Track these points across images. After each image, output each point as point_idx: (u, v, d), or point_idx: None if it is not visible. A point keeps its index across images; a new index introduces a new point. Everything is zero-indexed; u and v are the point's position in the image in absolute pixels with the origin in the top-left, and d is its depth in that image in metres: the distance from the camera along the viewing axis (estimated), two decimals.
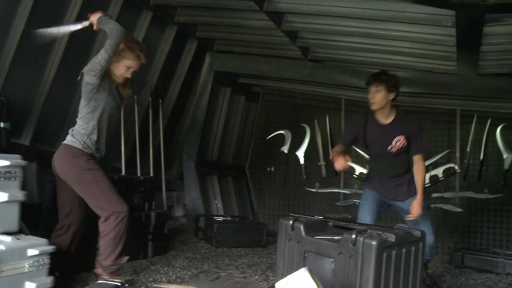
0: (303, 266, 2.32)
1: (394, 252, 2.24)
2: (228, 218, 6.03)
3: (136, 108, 5.52)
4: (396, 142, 3.75)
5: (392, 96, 3.70)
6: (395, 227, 2.45)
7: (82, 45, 4.68)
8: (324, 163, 6.70)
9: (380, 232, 2.21)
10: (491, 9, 3.29)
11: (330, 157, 6.55)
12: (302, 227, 2.46)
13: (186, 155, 6.57)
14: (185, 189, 6.62)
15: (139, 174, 5.49)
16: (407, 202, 3.84)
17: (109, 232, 3.32)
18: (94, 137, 3.34)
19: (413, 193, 3.82)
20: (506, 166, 5.80)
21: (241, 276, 4.30)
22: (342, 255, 2.24)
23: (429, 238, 3.75)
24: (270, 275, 4.25)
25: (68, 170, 3.27)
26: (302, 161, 6.62)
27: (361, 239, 2.16)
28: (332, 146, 6.55)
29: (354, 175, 6.31)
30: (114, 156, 5.53)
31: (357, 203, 6.41)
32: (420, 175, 3.79)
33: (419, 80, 5.60)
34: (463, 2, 3.20)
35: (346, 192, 6.56)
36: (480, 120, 5.99)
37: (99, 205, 3.32)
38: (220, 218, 5.96)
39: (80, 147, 3.27)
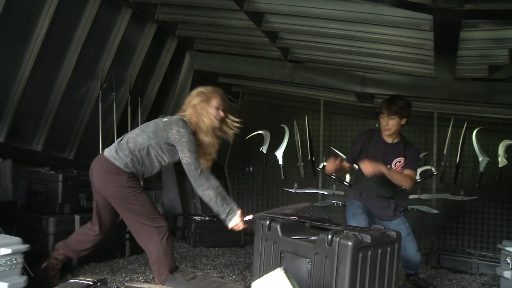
0: (280, 266, 2.32)
1: (369, 252, 2.26)
2: (206, 218, 6.01)
3: (114, 106, 5.47)
4: (396, 163, 3.85)
5: (404, 122, 3.83)
6: (371, 228, 2.47)
7: (60, 39, 4.62)
8: (302, 163, 6.73)
9: (356, 233, 2.22)
10: (467, 14, 3.34)
11: (309, 158, 6.65)
12: (278, 227, 2.47)
13: None
14: (163, 188, 6.59)
15: None
16: (394, 222, 3.89)
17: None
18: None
19: (399, 215, 3.91)
20: (481, 169, 5.91)
21: (218, 275, 4.29)
22: (318, 255, 2.25)
23: (416, 257, 3.86)
24: (248, 275, 4.26)
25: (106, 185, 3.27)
26: (280, 161, 6.64)
27: (337, 239, 2.17)
28: (311, 147, 6.63)
29: (333, 176, 6.35)
30: (92, 154, 5.46)
31: (335, 204, 6.51)
32: (401, 175, 3.76)
33: (398, 82, 5.66)
34: (440, 7, 3.23)
35: (324, 192, 6.60)
36: (457, 123, 6.09)
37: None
38: (198, 218, 5.95)
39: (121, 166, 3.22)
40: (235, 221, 3.32)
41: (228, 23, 4.96)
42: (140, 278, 3.99)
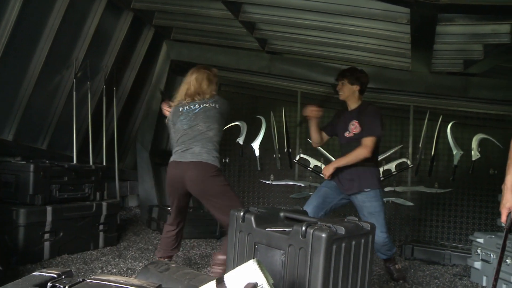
0: (254, 258, 2.31)
1: (343, 244, 2.25)
2: None
3: (89, 95, 5.38)
4: (350, 126, 4.08)
5: (356, 88, 4.12)
6: (345, 219, 2.47)
7: (32, 27, 4.52)
8: (279, 155, 6.73)
9: (330, 225, 2.22)
10: (444, 8, 3.35)
11: (285, 149, 6.66)
12: (252, 218, 2.45)
13: (140, 144, 6.47)
14: (139, 179, 6.53)
15: (91, 163, 5.36)
16: (359, 197, 4.02)
17: None
18: None
19: (363, 189, 4.00)
20: (455, 162, 5.98)
21: (193, 267, 4.28)
22: (292, 247, 2.24)
23: (379, 237, 3.88)
24: None
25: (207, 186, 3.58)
26: (257, 153, 6.63)
27: (311, 231, 2.16)
28: (287, 139, 6.64)
29: (309, 168, 6.37)
30: (66, 144, 5.39)
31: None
32: (352, 154, 3.99)
33: (374, 75, 5.66)
34: (417, 0, 3.24)
35: (301, 184, 6.61)
36: (432, 116, 6.14)
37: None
38: None
39: (218, 165, 3.65)
40: None
41: (205, 13, 4.91)
42: (114, 270, 3.95)
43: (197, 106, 3.71)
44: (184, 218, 3.95)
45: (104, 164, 5.64)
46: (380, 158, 6.37)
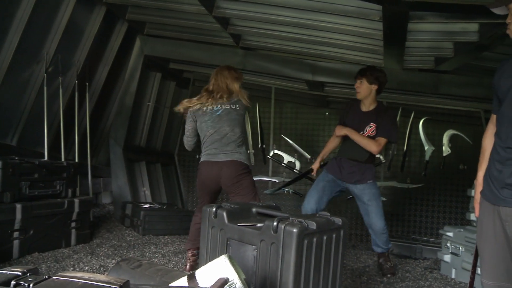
0: (226, 254, 2.31)
1: (315, 239, 2.27)
2: (156, 206, 5.96)
3: (61, 91, 5.29)
4: (367, 127, 4.29)
5: (374, 87, 4.28)
6: (317, 214, 2.49)
7: None
8: (253, 151, 6.74)
9: (302, 220, 2.23)
10: (415, 6, 3.40)
11: (259, 145, 6.67)
12: (225, 214, 2.45)
13: (113, 140, 6.40)
14: (112, 176, 6.46)
15: (63, 159, 5.28)
16: (359, 187, 4.33)
17: None
18: None
19: (366, 181, 4.32)
20: (427, 157, 6.09)
21: (167, 264, 4.26)
22: (264, 242, 2.25)
23: (379, 223, 4.31)
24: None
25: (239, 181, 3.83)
26: None
27: (282, 226, 2.17)
28: (261, 135, 6.66)
29: (283, 164, 6.40)
30: (37, 140, 5.29)
31: (285, 192, 6.57)
32: (365, 139, 4.26)
33: (348, 71, 5.72)
34: None
35: (275, 180, 6.64)
36: (405, 113, 6.24)
37: None
38: (148, 206, 5.88)
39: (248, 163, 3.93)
40: None
41: (179, 8, 4.87)
42: (86, 267, 3.91)
43: (219, 107, 3.84)
44: None
45: (77, 160, 5.56)
46: None
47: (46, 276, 1.12)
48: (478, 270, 2.72)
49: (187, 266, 3.97)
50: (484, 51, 4.39)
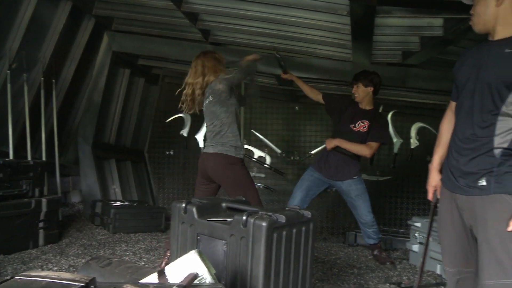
0: (195, 249, 2.31)
1: (284, 232, 2.29)
2: (126, 203, 5.90)
3: (26, 88, 5.17)
4: (359, 123, 4.53)
5: (370, 89, 4.56)
6: (286, 208, 2.51)
7: None
8: None
9: (271, 213, 2.25)
10: (382, 1, 3.45)
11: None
12: (194, 209, 2.45)
13: (81, 138, 6.30)
14: (81, 174, 6.36)
15: (29, 158, 5.17)
16: (346, 183, 4.55)
17: None
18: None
19: (352, 176, 4.53)
20: (395, 150, 6.17)
21: (138, 261, 4.23)
22: (234, 236, 2.26)
23: (367, 216, 4.56)
24: None
25: (226, 176, 3.73)
26: (201, 144, 6.61)
27: (252, 220, 2.18)
28: None
29: (253, 159, 6.41)
30: (1, 139, 5.17)
31: (256, 186, 6.57)
32: (357, 146, 4.49)
33: (318, 66, 5.77)
34: None
35: None
36: (377, 108, 6.31)
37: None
38: (118, 203, 5.82)
39: (234, 154, 3.74)
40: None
41: (147, 3, 4.81)
42: (55, 268, 3.85)
43: (206, 101, 3.83)
44: None
45: (44, 159, 5.46)
46: (318, 149, 6.52)
47: (9, 277, 1.10)
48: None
49: (163, 264, 3.92)
50: (449, 45, 4.47)
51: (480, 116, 2.15)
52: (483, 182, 2.13)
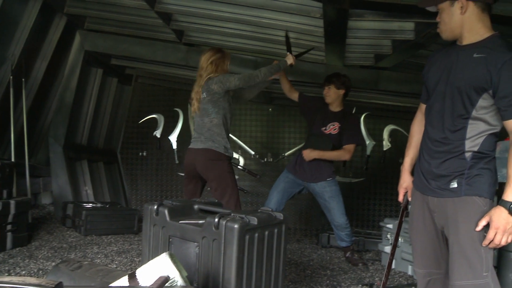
0: (167, 251, 2.29)
1: (256, 234, 2.29)
2: (98, 205, 5.82)
3: None
4: (330, 125, 4.61)
5: (341, 92, 4.65)
6: (259, 210, 2.51)
7: None
8: None
9: (243, 215, 2.25)
10: (354, 4, 3.48)
11: None
12: (166, 211, 2.43)
13: (53, 138, 6.19)
14: (52, 175, 6.25)
15: None
16: (320, 185, 4.58)
17: None
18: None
19: (325, 178, 4.57)
20: (368, 152, 6.22)
21: (110, 264, 4.17)
22: (206, 239, 2.25)
23: (341, 218, 4.58)
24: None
25: (213, 171, 3.83)
26: (175, 146, 6.57)
27: (224, 222, 2.18)
28: None
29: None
30: None
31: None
32: (335, 153, 4.57)
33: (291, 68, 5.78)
34: None
35: None
36: (346, 108, 6.35)
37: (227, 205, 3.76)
38: (90, 205, 5.73)
39: (222, 151, 3.84)
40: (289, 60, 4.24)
41: (120, 2, 4.75)
42: (23, 272, 3.77)
43: (202, 96, 3.94)
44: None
45: (13, 160, 5.35)
46: (294, 149, 6.54)
47: None
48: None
49: None
50: (420, 49, 4.54)
51: (451, 119, 2.19)
52: (454, 185, 2.17)
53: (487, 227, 2.06)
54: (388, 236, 4.67)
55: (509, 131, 2.08)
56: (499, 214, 2.03)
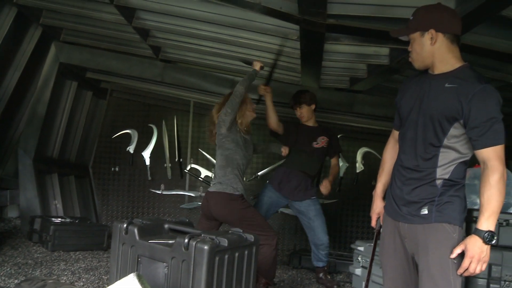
0: (136, 271, 2.26)
1: (226, 256, 2.28)
2: (67, 220, 5.69)
3: None
4: (321, 139, 4.74)
5: (313, 107, 4.79)
6: (229, 231, 2.49)
7: None
8: (170, 164, 6.68)
9: (213, 237, 2.23)
10: (330, 28, 3.52)
11: (176, 159, 6.62)
12: (136, 230, 2.39)
13: (22, 150, 6.05)
14: (20, 188, 6.09)
15: None
16: (304, 203, 4.66)
17: None
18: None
19: (310, 196, 4.67)
20: (341, 173, 6.27)
21: (77, 282, 4.08)
22: (175, 259, 2.22)
23: (324, 237, 4.67)
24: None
25: (227, 213, 3.85)
26: (148, 162, 6.52)
27: (194, 243, 2.16)
28: (179, 148, 6.62)
29: (200, 178, 6.37)
30: None
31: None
32: (334, 171, 4.88)
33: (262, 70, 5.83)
34: (306, 19, 3.37)
35: (191, 194, 6.62)
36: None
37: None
38: (58, 220, 5.60)
39: (232, 191, 3.84)
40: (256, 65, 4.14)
41: (97, 16, 4.72)
42: None
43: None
44: None
45: None
46: (265, 170, 6.55)
47: None
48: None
49: None
50: (394, 74, 4.62)
51: (423, 148, 2.23)
52: (425, 211, 2.20)
53: (461, 254, 2.09)
54: (359, 258, 4.66)
55: (481, 160, 2.11)
56: (473, 243, 2.06)
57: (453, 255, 2.11)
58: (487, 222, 2.05)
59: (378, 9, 3.20)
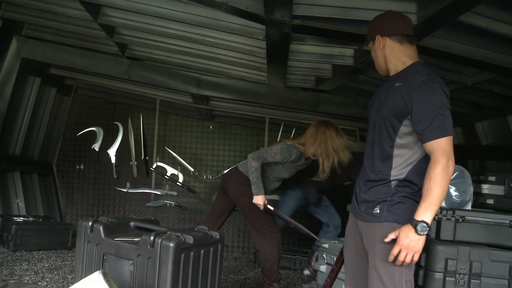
0: (101, 269, 2.26)
1: (192, 253, 2.30)
2: (30, 219, 5.59)
3: None
4: None
5: None
6: (195, 229, 2.52)
7: None
8: (135, 162, 6.64)
9: (179, 234, 2.25)
10: (296, 29, 3.57)
11: (142, 157, 6.59)
12: (101, 228, 2.39)
13: None
14: None
15: None
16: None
17: None
18: None
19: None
20: None
21: (39, 281, 4.03)
22: (141, 257, 2.23)
23: (337, 220, 5.14)
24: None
25: (240, 194, 4.03)
26: (113, 160, 6.46)
27: (159, 240, 2.17)
28: (145, 146, 6.58)
29: (166, 176, 6.35)
30: None
31: (168, 204, 6.57)
32: None
33: (233, 87, 5.85)
34: (272, 19, 3.41)
35: (157, 193, 6.60)
36: (287, 128, 6.49)
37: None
38: (21, 219, 5.50)
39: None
40: (260, 199, 3.91)
41: (62, 11, 4.63)
42: None
43: None
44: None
45: None
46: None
47: None
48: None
49: None
50: (359, 74, 4.71)
51: (379, 149, 2.32)
52: (377, 210, 2.28)
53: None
54: (324, 255, 4.76)
55: (429, 153, 2.16)
56: (406, 233, 2.12)
57: (387, 239, 2.18)
58: (423, 213, 2.10)
59: (343, 11, 3.26)
